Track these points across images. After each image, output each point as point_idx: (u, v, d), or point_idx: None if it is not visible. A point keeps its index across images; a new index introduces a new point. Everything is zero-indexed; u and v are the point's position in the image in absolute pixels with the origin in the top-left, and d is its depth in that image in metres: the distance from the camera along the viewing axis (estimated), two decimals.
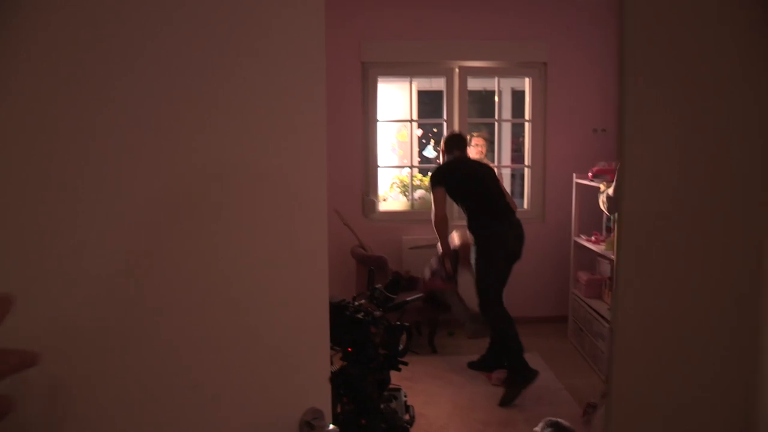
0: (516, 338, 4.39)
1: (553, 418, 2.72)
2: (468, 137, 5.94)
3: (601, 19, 5.59)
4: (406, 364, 2.35)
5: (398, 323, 2.32)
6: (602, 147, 5.58)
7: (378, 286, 2.47)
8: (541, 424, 2.71)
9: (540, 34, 5.58)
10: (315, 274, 1.23)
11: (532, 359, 4.85)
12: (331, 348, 2.31)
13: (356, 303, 2.34)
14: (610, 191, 4.22)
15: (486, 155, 6.13)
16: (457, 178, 4.63)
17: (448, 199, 4.57)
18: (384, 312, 2.31)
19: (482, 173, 4.65)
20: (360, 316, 2.27)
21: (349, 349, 2.29)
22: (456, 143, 4.78)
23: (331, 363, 2.31)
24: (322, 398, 1.27)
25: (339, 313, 2.28)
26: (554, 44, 5.59)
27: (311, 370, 1.26)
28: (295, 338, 1.22)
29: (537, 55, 5.58)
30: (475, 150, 5.86)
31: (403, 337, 2.32)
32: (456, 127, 5.65)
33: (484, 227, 4.53)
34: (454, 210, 5.18)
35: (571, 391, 4.28)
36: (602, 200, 4.34)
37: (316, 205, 1.22)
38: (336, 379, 2.27)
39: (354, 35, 5.47)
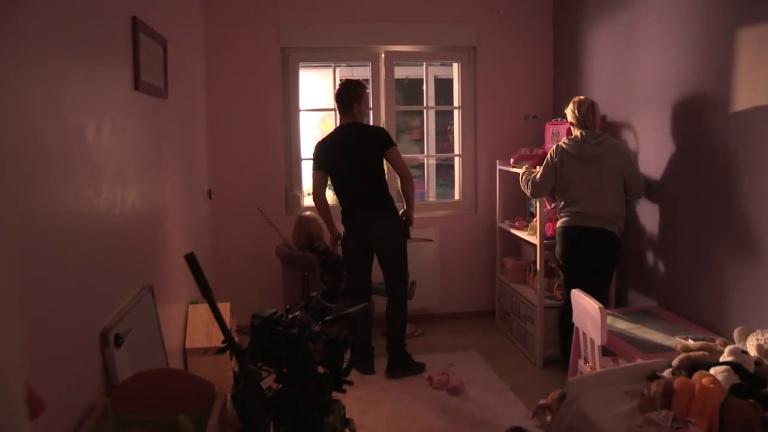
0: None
1: (517, 425, 2.48)
2: None
3: (534, 1, 5.41)
4: (350, 383, 2.04)
5: (340, 337, 2.01)
6: (534, 133, 5.42)
7: (314, 294, 2.15)
8: None
9: (469, 16, 5.35)
10: None
11: (471, 358, 4.65)
12: (264, 368, 1.98)
13: (290, 316, 2.01)
14: (539, 177, 4.15)
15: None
16: (328, 160, 4.34)
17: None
18: (323, 325, 1.99)
19: (354, 152, 4.26)
20: (295, 331, 1.94)
21: (284, 370, 1.97)
22: (340, 104, 4.33)
23: (265, 384, 1.98)
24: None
25: (271, 328, 1.95)
26: (484, 27, 5.37)
27: None
28: None
29: (466, 38, 5.35)
30: None
31: (347, 353, 2.01)
32: (383, 116, 5.36)
33: (342, 222, 4.42)
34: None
35: (515, 390, 4.07)
36: (528, 185, 4.24)
37: None
38: (272, 403, 1.94)
39: (273, 18, 5.07)
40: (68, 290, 1.88)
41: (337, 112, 4.44)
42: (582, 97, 4.05)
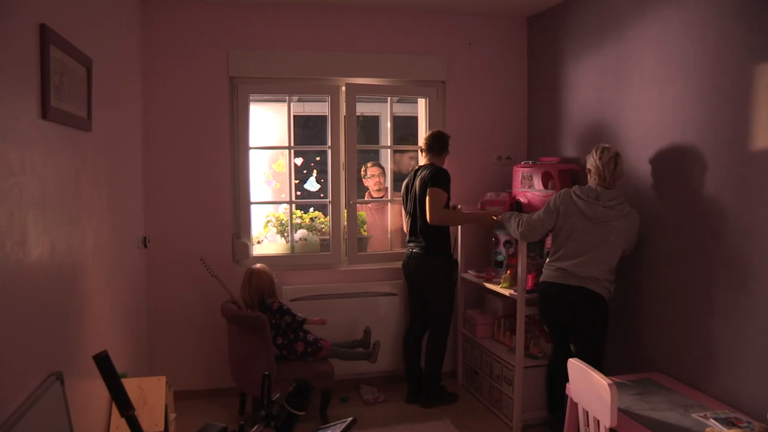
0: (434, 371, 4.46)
1: None
2: (363, 168, 5.22)
3: (507, 33, 5.01)
4: None
5: None
6: (501, 176, 4.97)
7: (276, 396, 1.57)
8: None
9: (438, 48, 4.90)
10: None
11: (443, 428, 4.09)
12: None
13: None
14: (536, 218, 3.75)
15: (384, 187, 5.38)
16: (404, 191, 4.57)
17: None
18: None
19: (414, 188, 4.39)
20: None
21: None
22: (435, 145, 4.44)
23: None
24: None
25: None
26: (454, 60, 4.93)
27: None
28: None
29: (435, 72, 4.89)
30: (371, 181, 5.15)
31: None
32: (342, 156, 4.83)
33: None
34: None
35: None
36: (520, 225, 3.84)
37: None
38: None
39: (221, 44, 4.51)
40: None
41: (424, 153, 4.48)
42: (608, 146, 3.62)
